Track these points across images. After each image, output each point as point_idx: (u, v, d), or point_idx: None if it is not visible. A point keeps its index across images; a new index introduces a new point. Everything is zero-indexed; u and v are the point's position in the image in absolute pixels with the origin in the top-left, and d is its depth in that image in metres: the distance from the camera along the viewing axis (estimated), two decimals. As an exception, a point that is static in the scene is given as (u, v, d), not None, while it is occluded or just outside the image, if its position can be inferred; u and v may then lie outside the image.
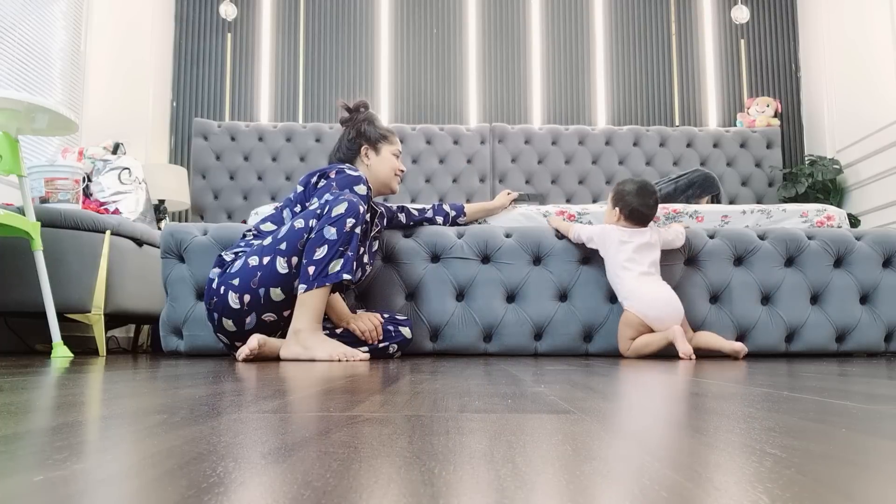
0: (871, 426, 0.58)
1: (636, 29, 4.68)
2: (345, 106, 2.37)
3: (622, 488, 0.35)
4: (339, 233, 1.94)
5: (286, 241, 2.00)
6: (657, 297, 2.22)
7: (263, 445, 0.47)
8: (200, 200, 4.24)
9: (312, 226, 1.98)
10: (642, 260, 2.27)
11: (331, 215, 1.96)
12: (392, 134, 2.36)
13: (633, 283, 2.24)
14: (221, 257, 2.12)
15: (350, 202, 1.97)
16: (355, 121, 2.34)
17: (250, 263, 2.02)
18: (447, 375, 1.26)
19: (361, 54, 4.60)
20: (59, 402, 0.78)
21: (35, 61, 3.24)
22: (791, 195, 4.15)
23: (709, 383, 1.09)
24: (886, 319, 2.51)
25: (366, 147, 2.30)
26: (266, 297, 2.01)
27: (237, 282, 2.01)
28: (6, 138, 2.14)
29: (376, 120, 2.37)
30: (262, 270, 2.00)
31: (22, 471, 0.38)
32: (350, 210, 1.96)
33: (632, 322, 2.23)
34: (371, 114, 2.37)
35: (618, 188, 2.38)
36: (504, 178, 4.37)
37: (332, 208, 1.97)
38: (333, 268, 1.93)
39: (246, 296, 2.01)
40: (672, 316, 2.21)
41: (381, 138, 2.32)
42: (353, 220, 1.96)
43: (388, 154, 2.32)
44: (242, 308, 2.02)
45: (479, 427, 0.58)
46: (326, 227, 1.95)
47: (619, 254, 2.29)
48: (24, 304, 2.49)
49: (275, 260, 1.99)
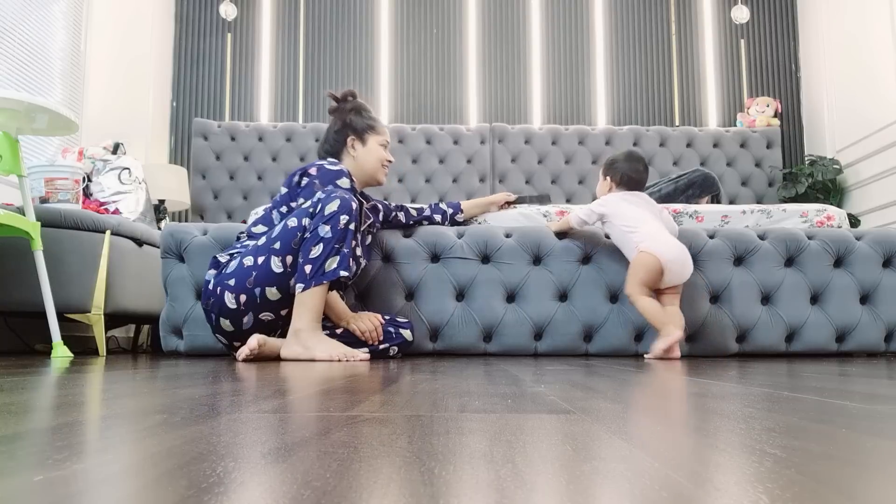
0: (871, 426, 0.58)
1: (636, 29, 4.68)
2: (332, 95, 2.36)
3: (622, 488, 0.35)
4: (333, 230, 1.95)
5: (280, 240, 2.00)
6: (674, 244, 2.18)
7: (263, 445, 0.47)
8: (200, 200, 4.24)
9: (306, 224, 1.99)
10: (653, 218, 2.25)
11: (324, 213, 1.96)
12: (380, 124, 2.33)
13: (651, 228, 2.20)
14: (216, 259, 2.12)
15: (342, 199, 1.98)
16: (343, 110, 2.32)
17: (245, 263, 2.02)
18: (447, 375, 1.26)
19: (361, 54, 4.60)
20: (59, 402, 0.78)
21: (35, 61, 3.24)
22: (791, 195, 4.15)
23: (709, 383, 1.09)
24: (886, 319, 2.51)
25: (352, 138, 2.28)
26: (262, 297, 2.01)
27: (233, 282, 2.02)
28: (6, 138, 2.14)
29: (364, 109, 2.34)
30: (258, 270, 2.00)
31: (22, 471, 0.38)
32: (343, 207, 1.97)
33: (646, 262, 2.15)
34: (359, 103, 2.34)
35: (607, 161, 2.43)
36: (504, 178, 4.37)
37: (325, 206, 1.97)
38: (330, 265, 1.94)
39: (242, 295, 2.01)
40: (685, 263, 2.17)
41: (368, 128, 2.30)
42: (346, 216, 1.97)
43: (374, 145, 2.30)
44: (239, 308, 2.02)
45: (479, 427, 0.58)
46: (321, 226, 1.95)
47: (631, 210, 2.25)
48: (24, 304, 2.49)
49: (269, 259, 2.00)
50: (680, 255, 2.17)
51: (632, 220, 2.25)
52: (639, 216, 2.25)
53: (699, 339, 2.48)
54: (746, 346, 2.49)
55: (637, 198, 2.32)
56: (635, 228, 2.23)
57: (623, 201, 2.30)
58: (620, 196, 2.32)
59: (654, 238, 2.18)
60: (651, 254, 2.16)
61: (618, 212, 2.29)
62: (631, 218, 2.26)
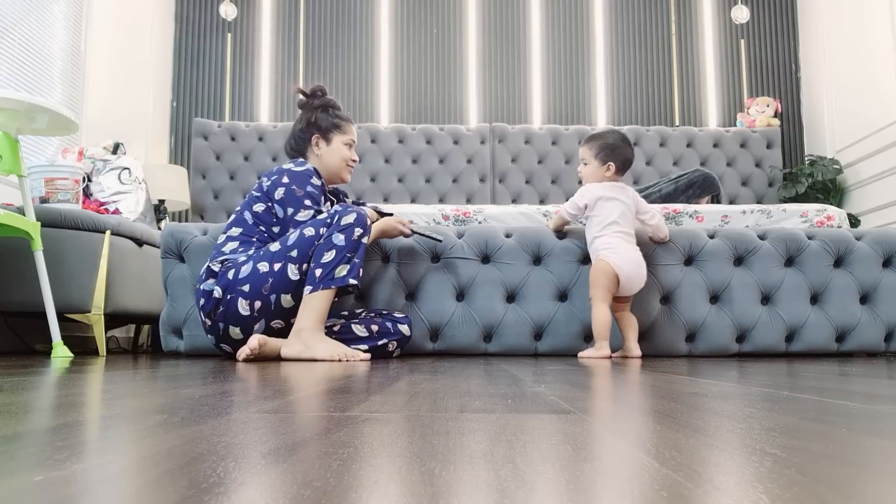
0: (871, 426, 0.58)
1: (636, 29, 4.68)
2: (300, 91, 2.34)
3: (622, 488, 0.35)
4: (347, 240, 1.99)
5: (297, 248, 2.02)
6: (631, 258, 2.27)
7: (263, 445, 0.47)
8: (200, 200, 4.24)
9: (322, 233, 2.02)
10: (625, 223, 2.31)
11: (340, 223, 2.01)
12: (347, 122, 2.31)
13: (616, 239, 2.29)
14: (210, 268, 2.10)
15: (359, 214, 2.03)
16: (310, 107, 2.31)
17: (260, 269, 2.02)
18: (447, 375, 1.26)
19: (361, 54, 4.60)
20: (59, 402, 0.78)
21: (35, 61, 3.24)
22: (791, 195, 4.15)
23: (709, 383, 1.09)
24: (886, 319, 2.51)
25: (316, 136, 2.28)
26: (277, 304, 2.02)
27: (248, 287, 2.01)
28: (6, 138, 2.14)
29: (332, 106, 2.32)
30: (274, 277, 2.01)
31: (22, 471, 0.38)
32: (358, 221, 2.02)
33: (606, 271, 2.25)
34: (328, 99, 2.32)
35: (601, 144, 2.37)
36: (504, 178, 4.37)
37: (342, 218, 2.02)
38: (340, 272, 1.98)
39: (257, 302, 2.01)
40: (638, 280, 2.28)
41: (334, 127, 2.28)
42: (360, 229, 2.02)
43: (339, 144, 2.29)
44: (252, 314, 2.02)
45: (479, 427, 0.58)
46: (335, 234, 2.00)
47: (612, 212, 2.31)
48: (24, 304, 2.49)
49: (286, 267, 2.01)
50: (634, 272, 2.26)
51: (602, 222, 2.31)
52: (611, 217, 2.30)
53: (699, 338, 2.48)
54: (746, 346, 2.49)
55: (619, 190, 2.34)
56: (602, 233, 2.30)
57: (603, 197, 2.32)
58: (602, 188, 2.34)
59: (615, 250, 2.26)
60: (609, 264, 2.25)
61: (604, 210, 2.33)
62: (603, 219, 2.31)
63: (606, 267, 2.25)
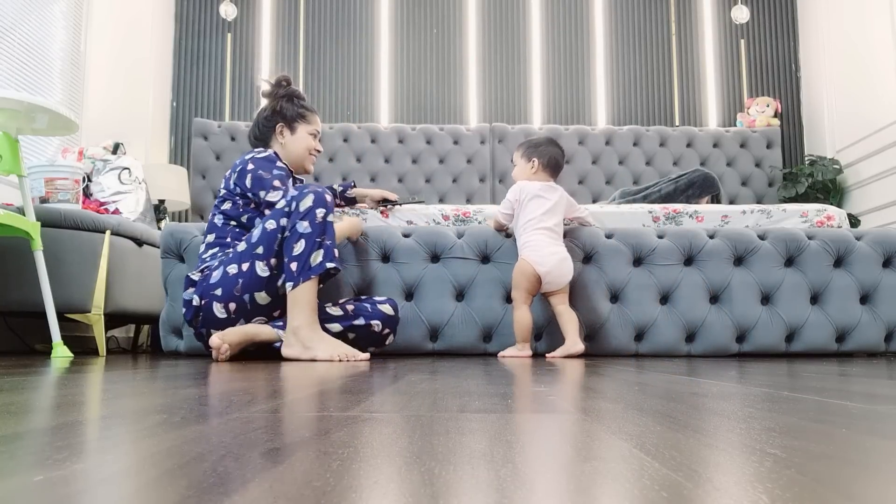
0: (871, 426, 0.58)
1: (636, 29, 4.68)
2: (266, 81, 2.35)
3: (622, 488, 0.35)
4: (312, 225, 1.96)
5: (261, 244, 2.01)
6: (553, 254, 2.28)
7: (263, 445, 0.47)
8: (200, 200, 4.23)
9: (284, 224, 2.00)
10: (549, 220, 2.33)
11: (300, 210, 1.98)
12: (311, 112, 2.33)
13: (537, 236, 2.30)
14: (190, 278, 2.11)
15: (315, 193, 1.99)
16: (275, 96, 2.32)
17: (230, 272, 2.02)
18: (447, 375, 1.26)
19: (361, 54, 4.60)
20: (59, 402, 0.78)
21: (35, 61, 3.24)
22: (791, 195, 4.15)
23: (709, 383, 1.09)
24: (886, 319, 2.51)
25: (281, 125, 2.28)
26: (252, 303, 2.02)
27: (220, 291, 2.01)
28: (6, 138, 2.14)
29: (297, 97, 2.33)
30: (244, 277, 2.00)
31: (22, 471, 0.38)
32: (318, 201, 1.98)
33: (525, 270, 2.27)
34: (293, 89, 2.33)
35: (527, 144, 2.46)
36: (504, 178, 4.37)
37: (300, 203, 1.98)
38: (315, 259, 1.95)
39: (231, 304, 2.01)
40: (562, 275, 2.28)
41: (299, 117, 2.29)
42: (322, 209, 1.98)
43: (303, 133, 2.30)
44: (229, 316, 2.02)
45: (479, 427, 0.58)
46: (298, 222, 1.96)
47: (536, 209, 2.33)
48: (24, 304, 2.49)
49: (254, 265, 2.01)
50: (556, 268, 2.27)
51: (524, 220, 2.33)
52: (533, 215, 2.32)
53: (699, 338, 2.48)
54: (746, 347, 2.49)
55: (552, 192, 2.36)
56: (524, 231, 2.33)
57: (536, 197, 2.34)
58: (531, 185, 2.36)
59: (535, 249, 2.28)
60: (529, 263, 2.26)
61: (528, 208, 2.35)
62: (525, 217, 2.33)
63: (526, 267, 2.26)
